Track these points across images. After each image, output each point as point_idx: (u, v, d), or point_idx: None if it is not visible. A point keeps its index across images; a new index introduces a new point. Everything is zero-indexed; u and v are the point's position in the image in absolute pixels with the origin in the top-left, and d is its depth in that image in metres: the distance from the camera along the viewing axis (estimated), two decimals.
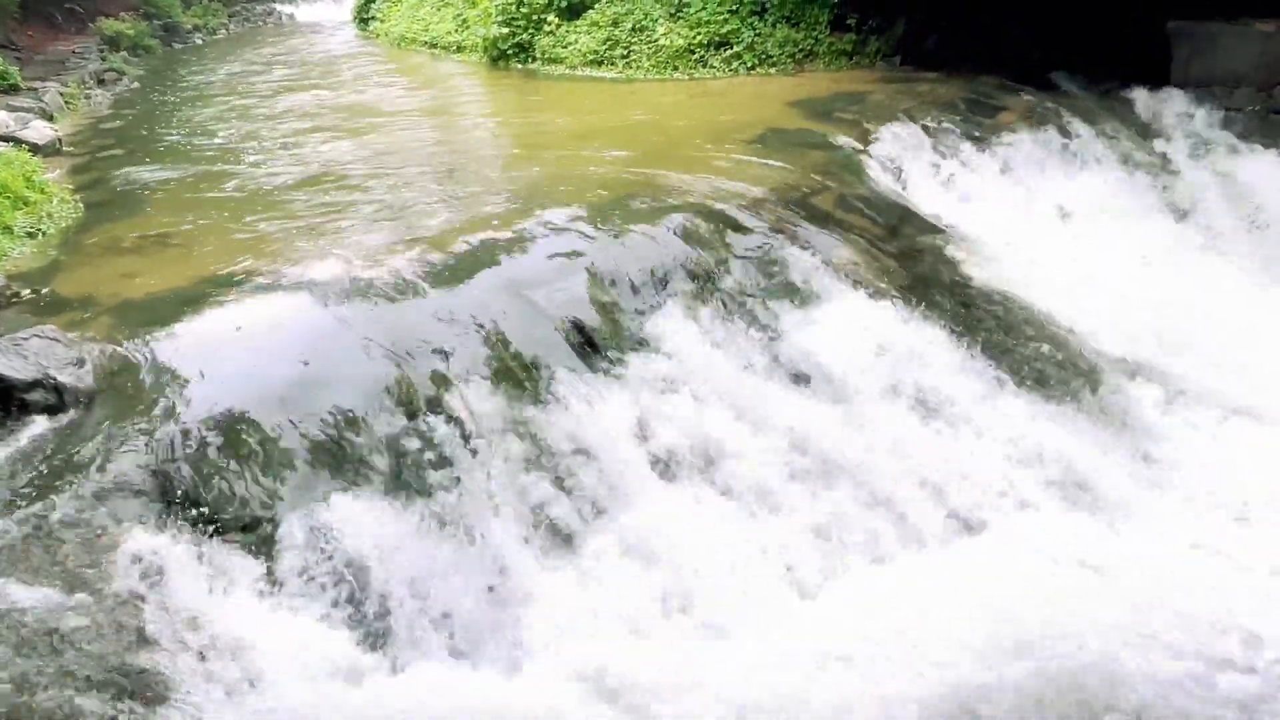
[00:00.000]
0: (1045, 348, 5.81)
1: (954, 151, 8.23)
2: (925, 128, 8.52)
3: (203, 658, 2.90)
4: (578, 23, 14.21)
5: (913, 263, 6.34)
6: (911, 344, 5.42)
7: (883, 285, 5.90)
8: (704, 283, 5.61)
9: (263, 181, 7.88)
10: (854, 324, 5.44)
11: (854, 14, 11.71)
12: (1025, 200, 7.86)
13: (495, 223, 6.23)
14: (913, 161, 7.84)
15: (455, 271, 5.42)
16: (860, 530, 4.47)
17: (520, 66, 14.77)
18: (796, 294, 5.66)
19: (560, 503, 4.09)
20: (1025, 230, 7.37)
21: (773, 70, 11.84)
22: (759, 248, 6.01)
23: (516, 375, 4.64)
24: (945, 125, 8.63)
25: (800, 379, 5.11)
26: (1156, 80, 9.30)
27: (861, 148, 7.81)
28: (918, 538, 4.53)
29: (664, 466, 4.46)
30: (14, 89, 13.44)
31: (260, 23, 31.10)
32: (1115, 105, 9.28)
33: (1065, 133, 8.73)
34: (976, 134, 8.58)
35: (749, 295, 5.59)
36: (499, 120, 10.98)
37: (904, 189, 7.49)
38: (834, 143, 7.91)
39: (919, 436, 4.93)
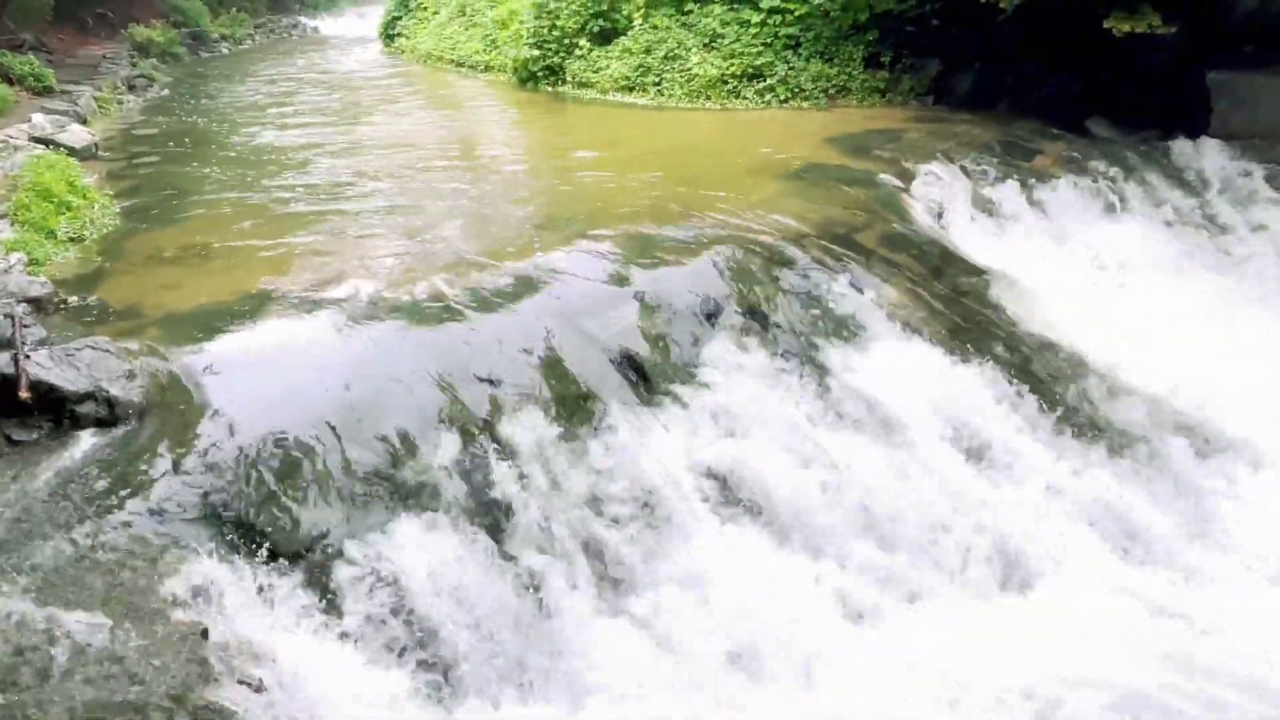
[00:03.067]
0: (1093, 395, 5.75)
1: (992, 194, 8.20)
2: (964, 169, 8.50)
3: (263, 693, 2.81)
4: (609, 48, 14.27)
5: (958, 305, 6.28)
6: (962, 388, 5.36)
7: (931, 327, 5.84)
8: (753, 317, 5.56)
9: (299, 196, 7.85)
10: (904, 365, 5.38)
11: (888, 52, 11.75)
12: (1064, 247, 7.83)
13: (538, 247, 6.19)
14: (953, 202, 7.81)
15: (501, 295, 5.36)
16: (913, 578, 4.38)
17: (550, 89, 14.82)
18: (845, 332, 5.60)
19: (614, 541, 4.01)
20: (1066, 277, 7.32)
21: (805, 104, 11.86)
22: (806, 284, 5.97)
23: (570, 405, 4.57)
24: (983, 167, 8.61)
25: (851, 419, 5.04)
26: (1196, 131, 9.28)
27: (903, 186, 7.78)
28: (972, 587, 4.43)
29: (717, 505, 4.38)
30: (48, 91, 13.50)
31: (285, 35, 31.36)
32: (1154, 154, 9.26)
33: (1103, 180, 8.71)
34: (1015, 177, 8.55)
35: (798, 332, 5.54)
36: (533, 145, 11.01)
37: (945, 229, 7.44)
38: (875, 180, 7.88)
39: (971, 483, 4.85)
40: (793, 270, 6.08)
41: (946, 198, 7.82)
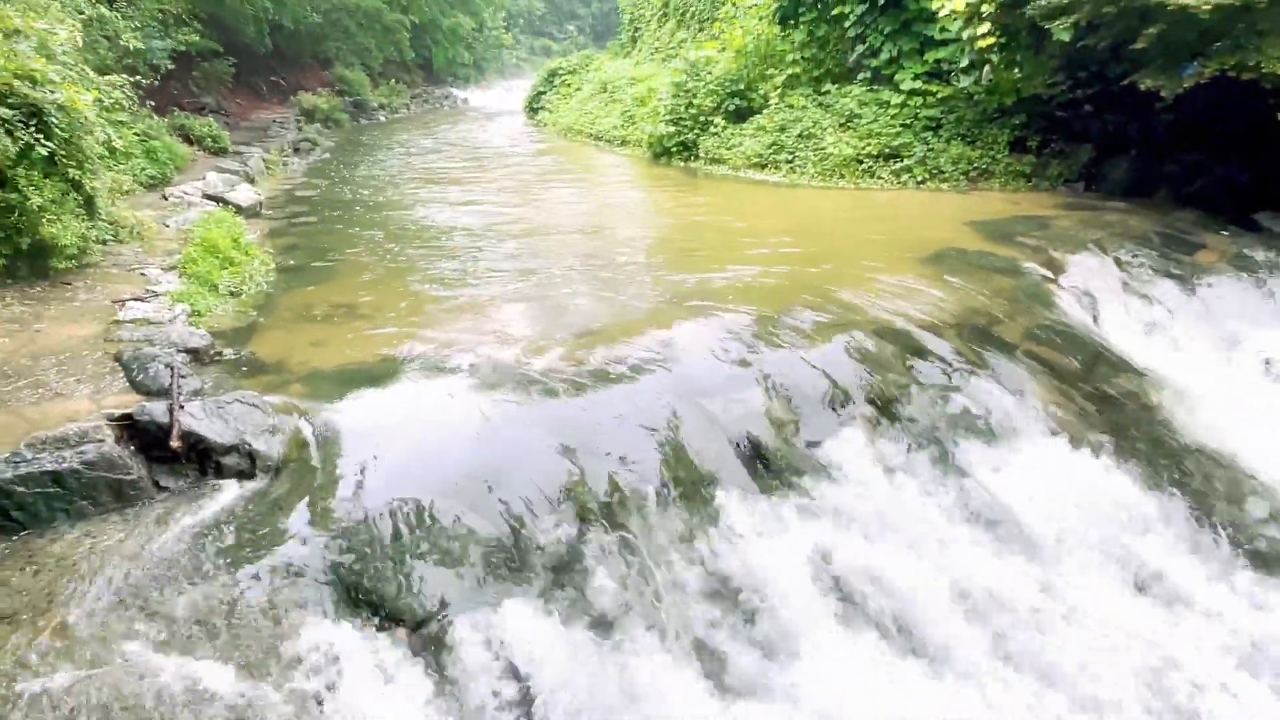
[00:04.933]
0: (1270, 519, 5.18)
1: (1150, 289, 7.69)
2: (1118, 261, 8.04)
3: None
4: (743, 126, 14.46)
5: (1112, 408, 5.84)
6: (1117, 501, 4.94)
7: (1081, 430, 5.44)
8: (884, 409, 5.32)
9: (440, 262, 8.17)
10: (1051, 472, 5.00)
11: (1035, 136, 11.38)
12: (1234, 350, 7.21)
13: (664, 324, 6.15)
14: (1106, 296, 7.36)
15: (626, 371, 5.32)
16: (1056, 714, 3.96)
17: (682, 164, 15.09)
18: (986, 431, 5.28)
19: (731, 644, 3.81)
20: (1236, 383, 6.72)
21: (944, 186, 11.60)
22: (943, 376, 5.69)
23: (689, 490, 4.44)
24: (1140, 260, 8.12)
25: (992, 527, 4.70)
26: None
27: (1050, 277, 7.41)
28: None
29: (842, 613, 4.12)
30: (223, 151, 14.76)
31: (438, 105, 33.37)
32: None
33: (1275, 278, 8.05)
34: (1175, 271, 8.01)
35: (934, 427, 5.25)
36: (666, 221, 11.12)
37: (1097, 325, 7.00)
38: (1019, 269, 7.54)
39: (1126, 612, 4.40)
40: (928, 360, 5.82)
41: (1099, 291, 7.38)
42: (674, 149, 15.36)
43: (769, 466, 4.74)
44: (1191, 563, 4.67)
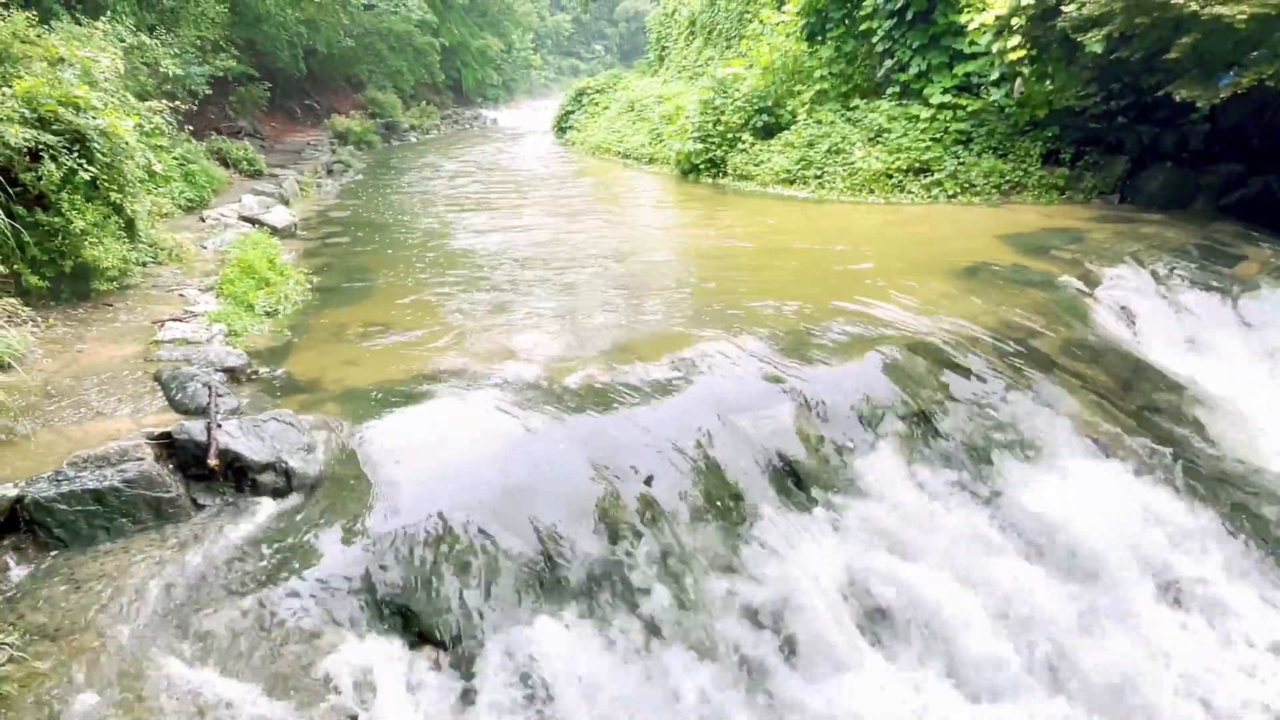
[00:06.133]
0: None
1: (1190, 302, 7.55)
2: (1155, 273, 7.91)
3: None
4: (771, 142, 14.47)
5: (1152, 424, 5.73)
6: (1158, 517, 4.83)
7: (1121, 446, 5.33)
8: (919, 425, 5.26)
9: (473, 281, 8.23)
10: (1091, 489, 4.91)
11: (1068, 148, 11.26)
12: (1274, 363, 7.06)
13: (693, 341, 6.14)
14: (1144, 309, 7.24)
15: (656, 388, 5.32)
16: None
17: (710, 181, 15.11)
18: (1022, 447, 5.20)
19: (764, 662, 3.76)
20: (1276, 396, 6.57)
21: (975, 199, 11.51)
22: (977, 391, 5.61)
23: (720, 507, 4.42)
24: (1178, 272, 7.98)
25: (1029, 544, 4.61)
26: None
27: (1086, 290, 7.30)
28: None
29: (874, 633, 4.06)
30: (258, 174, 15.03)
31: (467, 125, 33.76)
32: None
33: None
34: (1215, 284, 7.87)
35: (968, 444, 5.18)
36: (694, 235, 11.13)
37: (1136, 339, 6.88)
38: (1054, 282, 7.44)
39: (1173, 633, 4.30)
40: (962, 376, 5.75)
41: (1137, 304, 7.26)
42: (702, 166, 15.40)
43: (801, 483, 4.70)
44: (1243, 587, 4.55)
